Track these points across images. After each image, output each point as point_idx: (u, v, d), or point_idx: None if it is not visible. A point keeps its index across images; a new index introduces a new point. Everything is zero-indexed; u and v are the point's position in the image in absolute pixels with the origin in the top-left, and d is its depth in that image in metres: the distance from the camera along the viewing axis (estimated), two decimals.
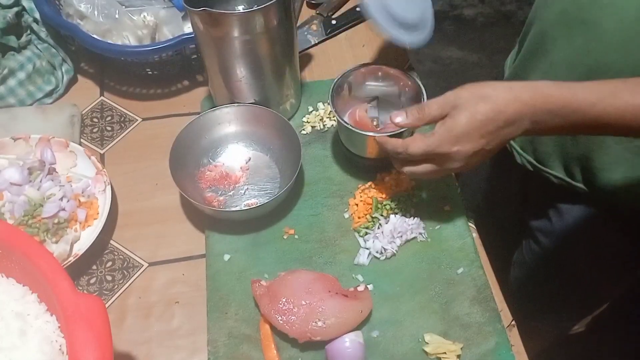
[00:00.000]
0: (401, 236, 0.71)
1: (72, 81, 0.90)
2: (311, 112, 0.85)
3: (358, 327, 0.63)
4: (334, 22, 0.97)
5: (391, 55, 0.94)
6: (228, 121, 0.79)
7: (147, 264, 0.72)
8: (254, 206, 0.70)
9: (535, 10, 0.76)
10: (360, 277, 0.69)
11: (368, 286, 0.67)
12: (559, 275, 0.90)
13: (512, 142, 0.84)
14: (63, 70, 0.88)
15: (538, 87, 0.57)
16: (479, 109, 0.57)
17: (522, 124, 0.57)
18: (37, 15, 0.85)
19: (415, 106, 0.63)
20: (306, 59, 0.94)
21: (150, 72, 0.88)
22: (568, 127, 0.57)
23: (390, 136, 0.67)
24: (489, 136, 0.58)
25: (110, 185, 0.74)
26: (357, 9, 0.98)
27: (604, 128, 0.56)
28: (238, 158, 0.80)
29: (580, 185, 0.76)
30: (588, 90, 0.55)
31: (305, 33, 0.96)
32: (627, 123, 0.54)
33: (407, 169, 0.65)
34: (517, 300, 0.79)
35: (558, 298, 0.95)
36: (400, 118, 0.64)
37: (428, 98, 0.85)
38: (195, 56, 0.86)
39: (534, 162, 0.81)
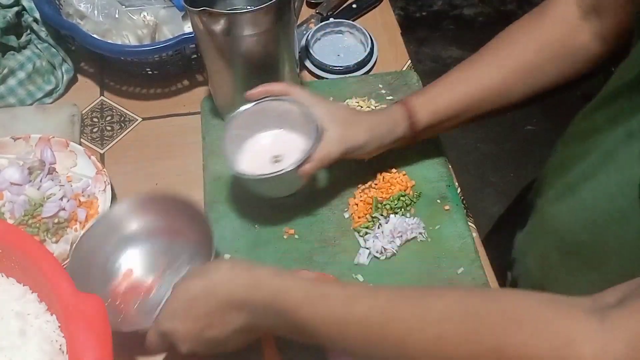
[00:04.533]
0: (401, 236, 0.71)
1: (72, 81, 0.90)
2: None
3: None
4: None
5: (391, 55, 0.94)
6: (129, 218, 0.69)
7: None
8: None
9: None
10: (360, 277, 0.69)
11: None
12: None
13: None
14: (63, 70, 0.88)
15: (256, 272, 0.51)
16: (193, 282, 0.52)
17: (240, 313, 0.50)
18: (37, 15, 0.85)
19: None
20: None
21: (150, 72, 0.88)
22: (284, 327, 0.50)
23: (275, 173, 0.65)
24: (205, 319, 0.50)
25: (110, 185, 0.74)
26: (353, 5, 0.98)
27: (313, 336, 0.48)
28: (150, 260, 0.69)
29: None
30: (301, 287, 0.49)
31: (305, 32, 0.96)
32: (331, 335, 0.47)
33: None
34: None
35: None
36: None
37: None
38: (195, 56, 0.86)
39: None
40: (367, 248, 0.71)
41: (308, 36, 0.92)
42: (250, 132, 0.74)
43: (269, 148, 0.73)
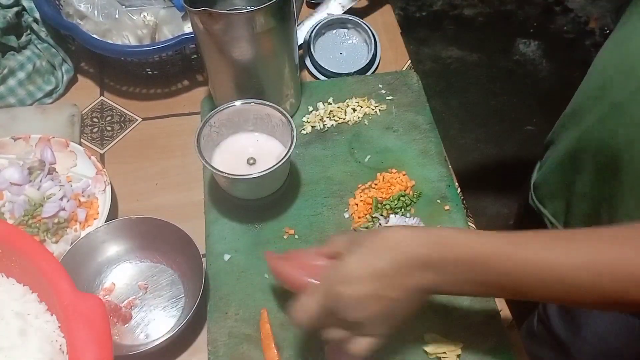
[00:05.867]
0: None
1: (72, 81, 0.90)
2: (311, 112, 0.85)
3: None
4: None
5: (391, 55, 0.94)
6: (113, 238, 0.69)
7: None
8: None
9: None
10: None
11: None
12: None
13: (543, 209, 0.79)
14: (63, 70, 0.88)
15: (436, 230, 0.51)
16: (363, 243, 0.49)
17: (424, 273, 0.47)
18: (37, 15, 0.85)
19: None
20: None
21: (150, 72, 0.88)
22: (474, 282, 0.47)
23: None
24: (383, 279, 0.47)
25: (110, 185, 0.74)
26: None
27: (506, 286, 0.47)
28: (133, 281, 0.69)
29: None
30: (491, 237, 0.47)
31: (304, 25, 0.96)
32: (529, 281, 0.46)
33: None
34: None
35: None
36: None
37: (427, 97, 0.86)
38: (196, 56, 0.87)
39: None
40: None
41: (312, 33, 0.91)
42: (229, 131, 0.74)
43: (245, 150, 0.74)
